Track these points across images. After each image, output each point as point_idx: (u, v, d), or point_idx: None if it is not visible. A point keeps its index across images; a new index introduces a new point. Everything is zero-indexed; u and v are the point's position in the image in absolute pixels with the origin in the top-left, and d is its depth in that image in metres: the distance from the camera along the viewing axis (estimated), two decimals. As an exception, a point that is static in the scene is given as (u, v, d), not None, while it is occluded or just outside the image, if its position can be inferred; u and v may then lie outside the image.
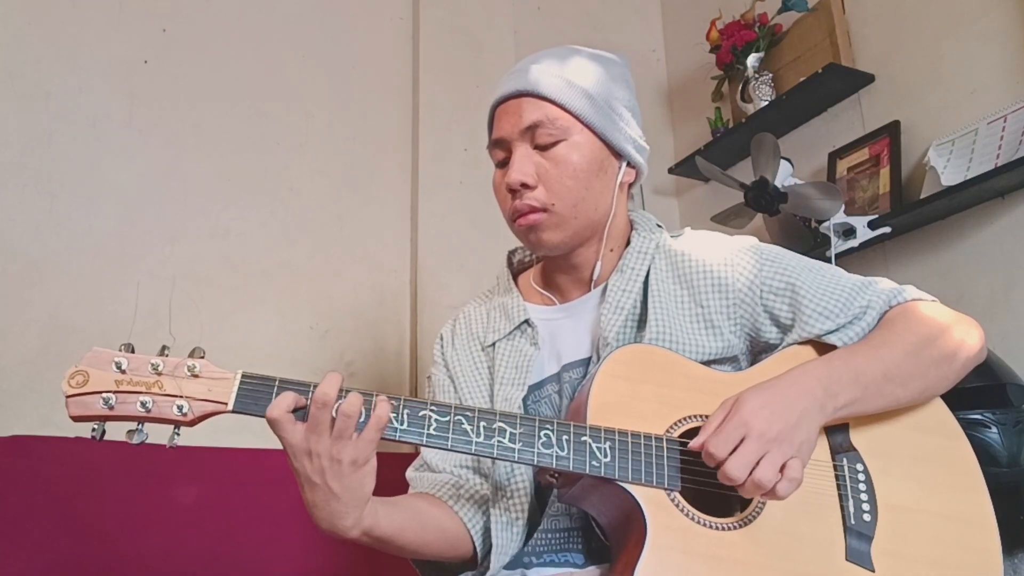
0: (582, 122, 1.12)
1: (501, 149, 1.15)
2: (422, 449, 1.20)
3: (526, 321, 1.20)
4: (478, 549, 1.12)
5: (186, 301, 2.00)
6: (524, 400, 1.14)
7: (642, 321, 1.12)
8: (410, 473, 1.22)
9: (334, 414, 0.87)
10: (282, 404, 0.88)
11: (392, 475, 1.13)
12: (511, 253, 1.33)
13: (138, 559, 1.61)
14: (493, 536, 1.08)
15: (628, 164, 1.18)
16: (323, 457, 0.88)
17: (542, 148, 1.12)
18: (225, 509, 1.72)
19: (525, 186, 1.11)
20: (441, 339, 1.30)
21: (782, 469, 0.90)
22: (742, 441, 0.90)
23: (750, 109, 2.43)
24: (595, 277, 1.19)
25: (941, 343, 1.04)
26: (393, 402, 0.91)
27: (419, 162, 2.36)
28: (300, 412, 0.89)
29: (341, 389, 0.89)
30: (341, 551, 1.76)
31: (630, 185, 1.22)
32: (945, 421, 1.09)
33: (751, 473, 0.89)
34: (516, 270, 1.33)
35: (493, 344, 1.22)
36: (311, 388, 0.90)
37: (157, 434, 0.90)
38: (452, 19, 2.52)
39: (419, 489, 1.17)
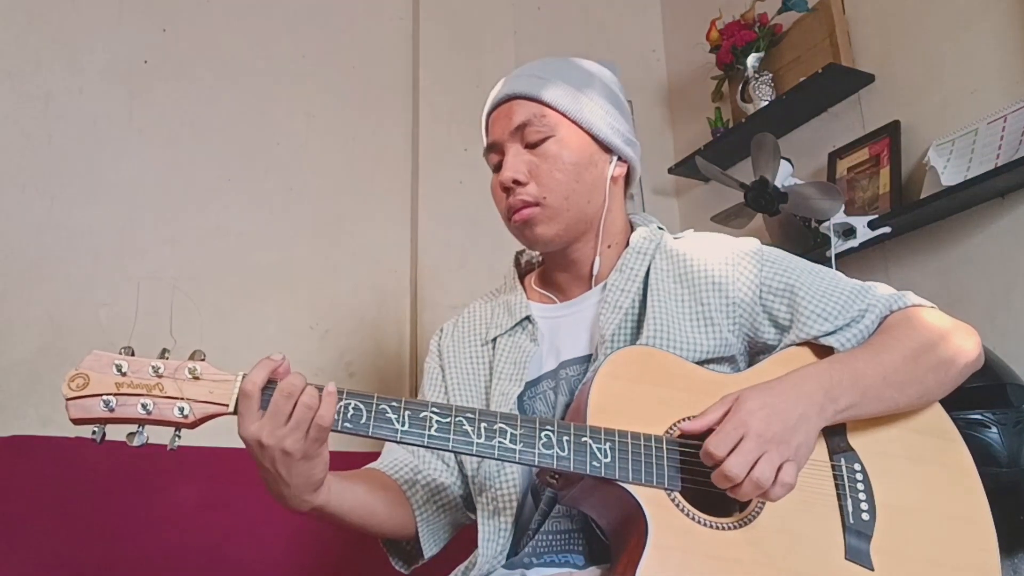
0: (568, 118, 1.16)
1: (495, 153, 1.20)
2: None
3: (527, 318, 1.21)
4: (420, 535, 1.16)
5: (186, 301, 2.00)
6: (520, 397, 1.15)
7: (641, 320, 1.13)
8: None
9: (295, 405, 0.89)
10: (257, 379, 0.89)
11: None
12: (519, 253, 1.35)
13: (138, 559, 1.61)
14: (479, 525, 1.10)
15: (619, 159, 1.21)
16: (274, 449, 0.90)
17: (532, 146, 1.16)
18: (225, 509, 1.72)
19: (517, 183, 1.14)
20: (441, 331, 1.33)
21: (777, 471, 0.90)
22: (740, 440, 0.90)
23: (750, 109, 2.42)
24: (595, 274, 1.20)
25: (940, 350, 1.05)
26: (338, 396, 0.92)
27: (419, 162, 2.36)
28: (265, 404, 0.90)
29: (306, 385, 0.90)
30: (341, 551, 1.76)
31: (626, 183, 1.24)
32: (941, 422, 1.09)
33: (749, 472, 0.89)
34: (523, 271, 1.35)
35: (495, 339, 1.23)
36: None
37: (157, 435, 0.90)
38: (452, 19, 2.52)
39: (381, 464, 1.20)
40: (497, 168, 1.19)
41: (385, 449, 1.25)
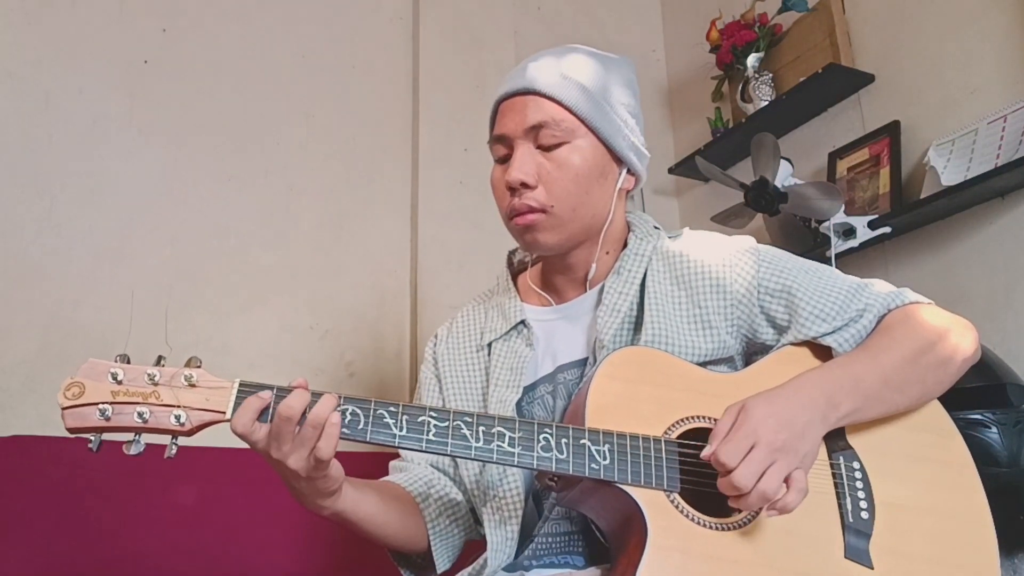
0: (587, 126, 1.11)
1: (503, 145, 1.14)
2: None
3: (522, 322, 1.20)
4: (433, 550, 1.15)
5: (186, 301, 1.99)
6: (518, 403, 1.14)
7: (638, 323, 1.12)
8: (393, 463, 1.25)
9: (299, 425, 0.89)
10: (244, 419, 0.89)
11: (364, 473, 1.15)
12: (511, 253, 1.33)
13: (138, 559, 1.61)
14: (487, 535, 1.09)
15: (628, 171, 1.17)
16: (282, 465, 0.91)
17: (545, 149, 1.11)
18: (225, 509, 1.72)
19: (525, 185, 1.10)
20: (435, 337, 1.31)
21: (786, 480, 0.90)
22: (751, 450, 0.90)
23: (750, 109, 2.42)
24: (590, 278, 1.18)
25: (939, 348, 1.04)
26: (340, 409, 0.91)
27: (419, 162, 2.36)
28: (266, 415, 0.90)
29: (307, 406, 0.89)
30: (341, 551, 1.76)
31: (628, 190, 1.22)
32: (940, 420, 1.09)
33: (757, 483, 0.89)
34: (516, 270, 1.33)
35: (489, 344, 1.21)
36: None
37: (155, 438, 0.90)
38: (452, 19, 2.52)
39: (396, 478, 1.20)
40: (502, 160, 1.15)
41: (395, 466, 1.24)
